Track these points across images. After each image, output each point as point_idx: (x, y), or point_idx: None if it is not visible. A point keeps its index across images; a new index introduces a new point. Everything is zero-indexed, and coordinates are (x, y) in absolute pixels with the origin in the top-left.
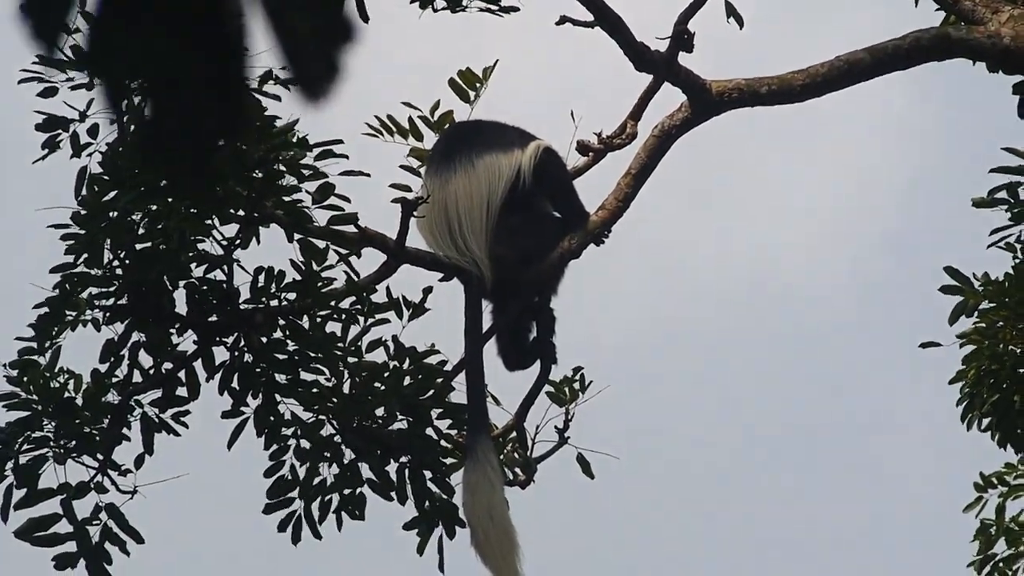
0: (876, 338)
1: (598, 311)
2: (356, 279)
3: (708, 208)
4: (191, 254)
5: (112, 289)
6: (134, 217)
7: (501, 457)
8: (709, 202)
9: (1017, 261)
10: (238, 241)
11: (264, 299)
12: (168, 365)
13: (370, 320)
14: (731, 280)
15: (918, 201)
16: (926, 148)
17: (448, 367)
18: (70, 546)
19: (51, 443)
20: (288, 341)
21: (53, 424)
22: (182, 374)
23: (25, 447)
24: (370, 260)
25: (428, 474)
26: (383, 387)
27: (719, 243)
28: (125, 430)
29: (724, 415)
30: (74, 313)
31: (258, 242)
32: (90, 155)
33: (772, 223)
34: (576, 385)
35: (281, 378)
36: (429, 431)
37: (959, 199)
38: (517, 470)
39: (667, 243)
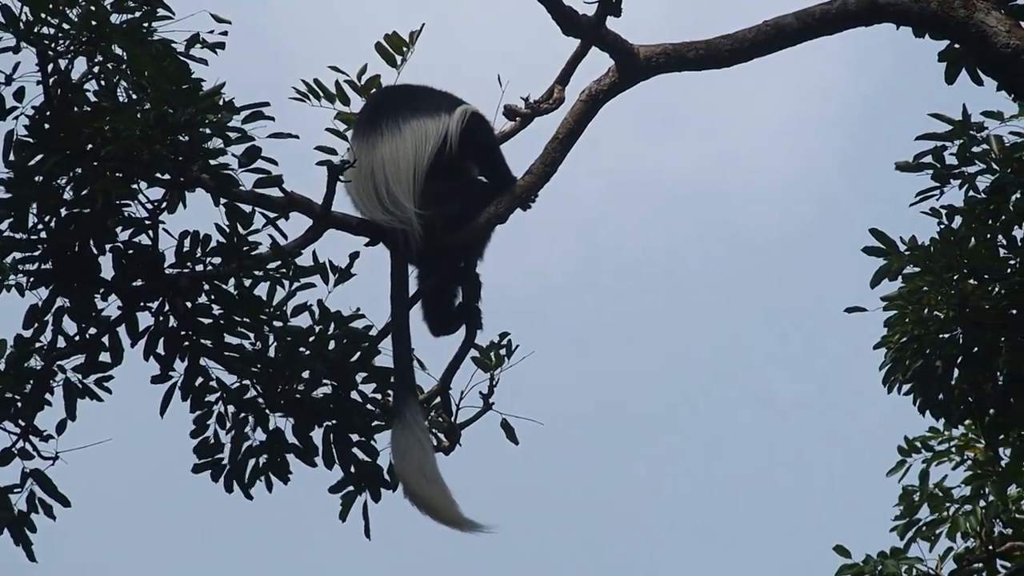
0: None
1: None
2: (282, 243)
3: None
4: (116, 218)
5: (37, 253)
6: (59, 181)
7: (426, 423)
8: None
9: (943, 227)
10: (164, 205)
11: (189, 263)
12: (92, 330)
13: (296, 284)
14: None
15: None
16: (864, 114)
17: (374, 332)
18: None
19: None
20: (213, 306)
21: None
22: (106, 339)
23: None
24: (296, 224)
25: (354, 438)
26: (308, 351)
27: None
28: (48, 395)
29: (650, 377)
30: None
31: (184, 206)
32: (16, 118)
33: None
34: (502, 351)
35: (206, 343)
36: (354, 395)
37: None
38: (441, 436)
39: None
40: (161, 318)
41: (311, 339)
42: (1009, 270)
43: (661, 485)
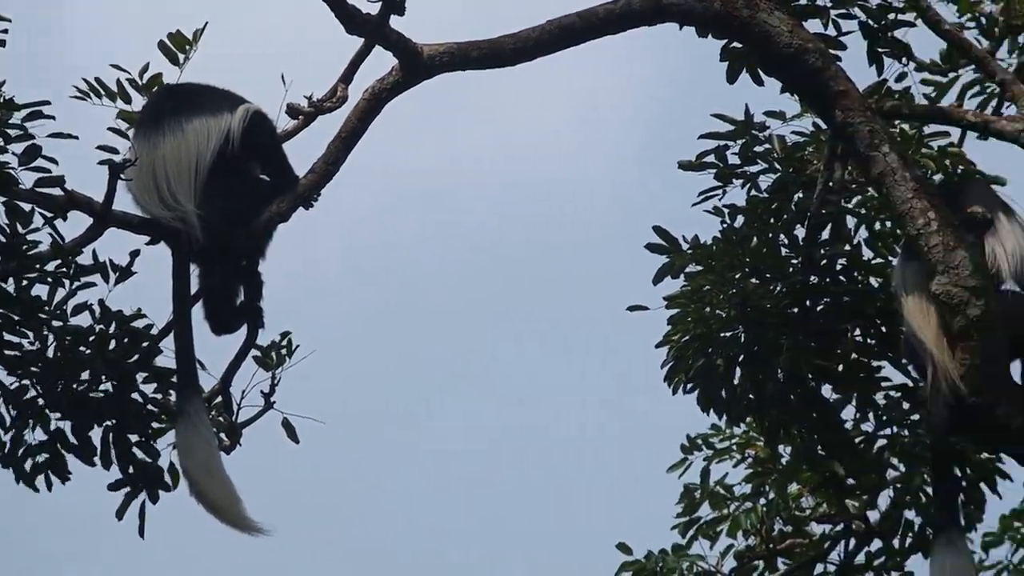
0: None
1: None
2: (62, 242)
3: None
4: None
5: None
6: None
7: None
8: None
9: (725, 226)
10: None
11: None
12: None
13: (76, 284)
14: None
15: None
16: (661, 113)
17: (155, 331)
18: None
19: None
20: None
21: None
22: None
23: None
24: (77, 223)
25: (133, 438)
26: (88, 351)
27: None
28: None
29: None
30: None
31: None
32: None
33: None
34: (283, 350)
35: None
36: (135, 395)
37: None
38: (222, 435)
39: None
40: None
41: (91, 339)
42: (790, 269)
43: (442, 484)
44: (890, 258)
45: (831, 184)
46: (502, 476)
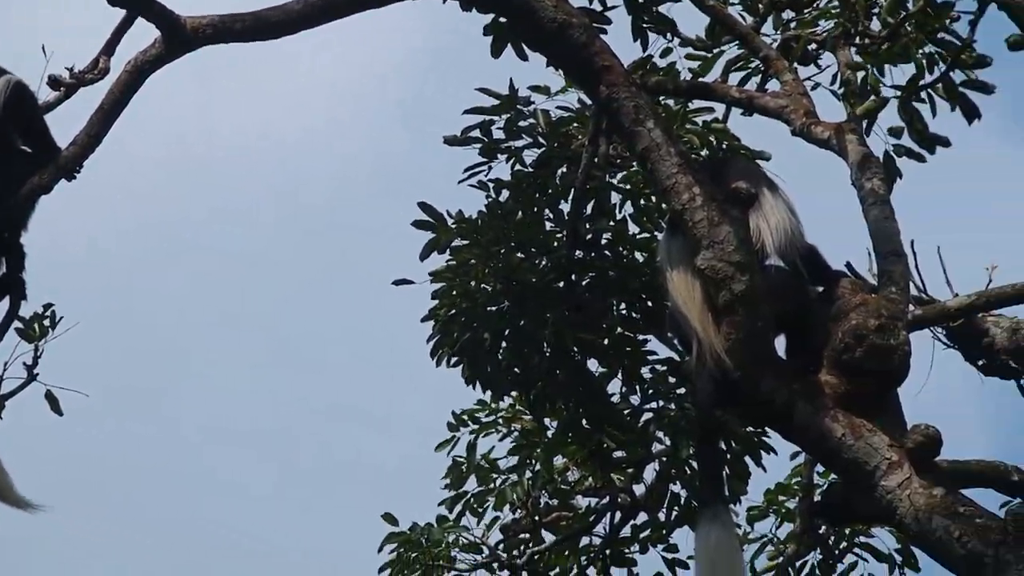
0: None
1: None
2: None
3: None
4: None
5: None
6: None
7: None
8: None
9: (490, 200)
10: None
11: None
12: None
13: None
14: None
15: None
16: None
17: None
18: None
19: None
20: None
21: None
22: None
23: None
24: None
25: None
26: None
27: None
28: None
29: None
30: None
31: None
32: None
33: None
34: (46, 322)
35: None
36: None
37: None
38: None
39: None
40: None
41: None
42: (556, 244)
43: (208, 458)
44: (655, 233)
45: (596, 159)
46: (272, 450)
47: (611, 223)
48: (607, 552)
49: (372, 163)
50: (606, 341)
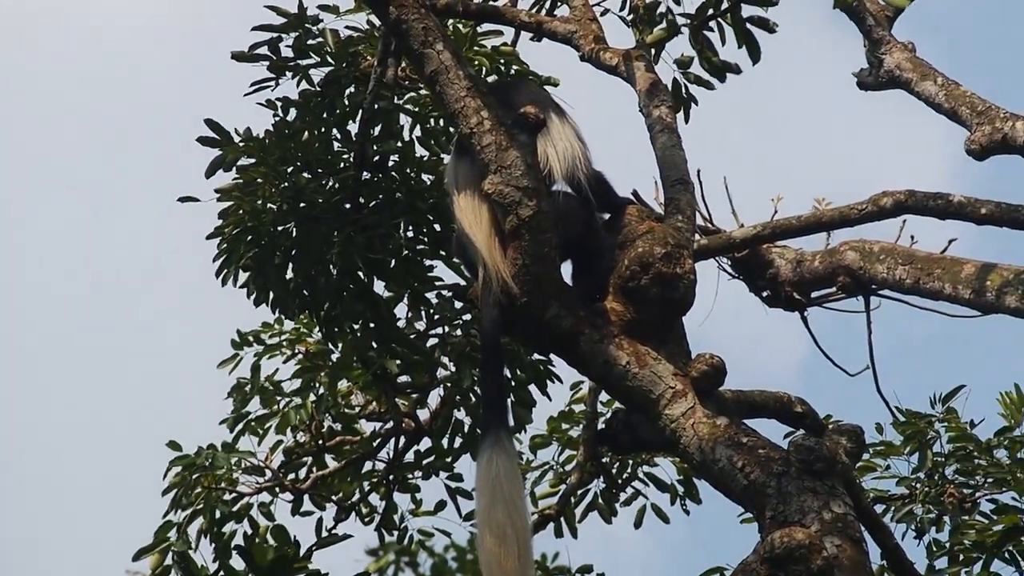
0: None
1: None
2: None
3: None
4: None
5: None
6: None
7: None
8: None
9: (278, 119)
10: None
11: None
12: None
13: None
14: None
15: None
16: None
17: None
18: None
19: None
20: None
21: None
22: None
23: None
24: None
25: None
26: None
27: None
28: None
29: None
30: None
31: None
32: None
33: None
34: None
35: None
36: None
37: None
38: None
39: None
40: None
41: None
42: (343, 164)
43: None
44: (443, 156)
45: (384, 80)
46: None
47: (399, 145)
48: (390, 477)
49: (157, 69)
50: (393, 264)
